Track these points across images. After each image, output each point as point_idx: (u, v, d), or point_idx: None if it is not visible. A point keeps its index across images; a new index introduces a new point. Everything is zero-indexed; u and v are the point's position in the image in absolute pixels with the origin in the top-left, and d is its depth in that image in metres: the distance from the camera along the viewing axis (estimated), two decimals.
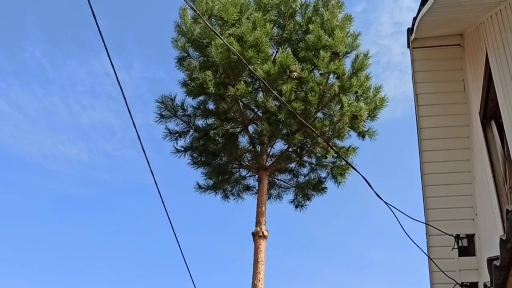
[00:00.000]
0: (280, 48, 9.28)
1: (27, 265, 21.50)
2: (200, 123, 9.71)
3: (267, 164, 9.56)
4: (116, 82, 4.21)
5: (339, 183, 10.08)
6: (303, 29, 9.38)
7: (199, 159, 9.94)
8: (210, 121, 9.73)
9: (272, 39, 9.15)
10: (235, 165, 10.08)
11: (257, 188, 9.58)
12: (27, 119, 20.99)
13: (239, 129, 9.80)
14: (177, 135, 9.73)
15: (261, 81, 8.76)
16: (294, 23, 9.44)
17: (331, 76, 8.66)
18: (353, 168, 5.61)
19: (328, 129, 8.93)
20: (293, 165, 10.30)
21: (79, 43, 21.15)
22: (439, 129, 6.48)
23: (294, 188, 10.51)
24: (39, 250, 21.65)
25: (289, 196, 10.62)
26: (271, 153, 9.76)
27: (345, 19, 9.03)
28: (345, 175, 10.04)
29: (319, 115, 9.08)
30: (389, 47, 18.71)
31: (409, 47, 6.53)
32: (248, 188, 10.45)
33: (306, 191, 10.38)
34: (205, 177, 10.21)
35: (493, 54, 4.76)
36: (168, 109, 9.45)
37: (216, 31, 8.51)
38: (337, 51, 8.44)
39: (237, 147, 9.69)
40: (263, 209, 9.08)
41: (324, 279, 21.65)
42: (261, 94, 9.46)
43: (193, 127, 9.64)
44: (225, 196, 10.42)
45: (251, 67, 8.09)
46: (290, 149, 9.73)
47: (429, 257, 6.33)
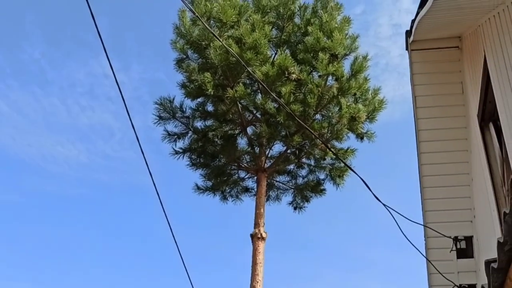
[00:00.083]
0: (278, 50, 9.28)
1: (25, 267, 21.51)
2: (198, 124, 9.74)
3: (266, 165, 9.56)
4: (115, 83, 4.20)
5: (338, 184, 10.09)
6: (302, 31, 9.39)
7: (198, 160, 9.95)
8: (208, 123, 9.74)
9: (270, 41, 9.16)
10: (233, 167, 10.09)
11: (255, 189, 9.59)
12: (26, 120, 20.99)
13: (237, 131, 9.81)
14: (175, 136, 9.74)
15: (259, 83, 8.76)
16: (292, 25, 9.45)
17: (330, 78, 8.69)
18: (351, 170, 5.61)
19: (326, 130, 8.94)
20: (291, 166, 10.31)
21: (78, 44, 21.18)
22: (438, 131, 6.49)
23: (292, 189, 10.51)
24: (38, 251, 21.68)
25: (287, 197, 10.64)
26: (269, 155, 9.77)
27: (343, 21, 9.04)
28: (344, 176, 10.04)
29: (318, 116, 9.10)
30: (388, 49, 18.73)
31: (407, 49, 6.54)
32: (246, 189, 10.46)
33: (304, 192, 10.38)
34: (204, 179, 10.22)
35: (491, 56, 4.77)
36: (167, 111, 9.46)
37: (214, 33, 8.52)
38: (336, 53, 8.46)
39: (235, 149, 9.70)
40: (262, 210, 9.08)
41: (323, 281, 21.67)
42: (259, 96, 9.48)
43: (192, 129, 9.65)
44: (224, 197, 10.42)
45: (249, 69, 8.09)
46: (288, 151, 9.74)
47: (427, 259, 6.34)
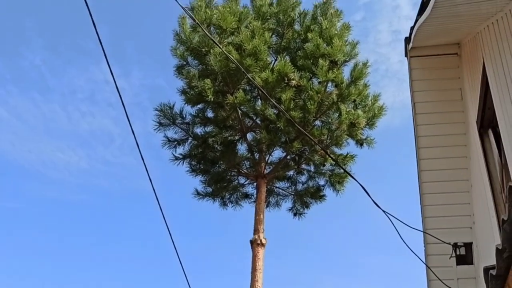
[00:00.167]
0: (278, 56, 9.31)
1: (26, 273, 21.42)
2: (198, 131, 9.76)
3: (266, 171, 9.57)
4: (115, 89, 4.22)
5: (338, 190, 10.08)
6: (302, 38, 9.42)
7: (198, 166, 9.95)
8: (208, 129, 9.76)
9: (270, 47, 9.19)
10: (233, 173, 10.09)
11: (255, 195, 9.59)
12: (26, 126, 21.00)
13: (237, 137, 9.82)
14: (175, 143, 9.75)
15: (259, 89, 8.78)
16: (292, 31, 9.48)
17: (330, 84, 8.70)
18: (351, 176, 5.62)
19: (326, 137, 8.96)
20: (291, 172, 10.31)
21: (79, 51, 21.22)
22: (437, 137, 6.50)
23: (292, 195, 10.50)
24: (38, 257, 21.60)
25: (287, 204, 10.63)
26: (269, 161, 9.78)
27: (343, 27, 9.07)
28: (344, 183, 10.03)
29: (318, 123, 9.12)
30: (388, 55, 18.78)
31: (406, 56, 6.56)
32: (246, 195, 10.45)
33: (304, 199, 10.38)
34: (204, 185, 10.23)
35: (490, 63, 4.79)
36: (167, 117, 9.47)
37: (215, 39, 8.55)
38: (336, 60, 8.48)
39: (235, 155, 9.71)
40: (261, 216, 9.07)
41: (322, 287, 21.60)
42: (259, 102, 9.50)
43: (192, 135, 9.66)
44: (224, 203, 10.42)
45: (249, 75, 8.11)
46: (288, 157, 9.75)
47: (426, 265, 6.33)
